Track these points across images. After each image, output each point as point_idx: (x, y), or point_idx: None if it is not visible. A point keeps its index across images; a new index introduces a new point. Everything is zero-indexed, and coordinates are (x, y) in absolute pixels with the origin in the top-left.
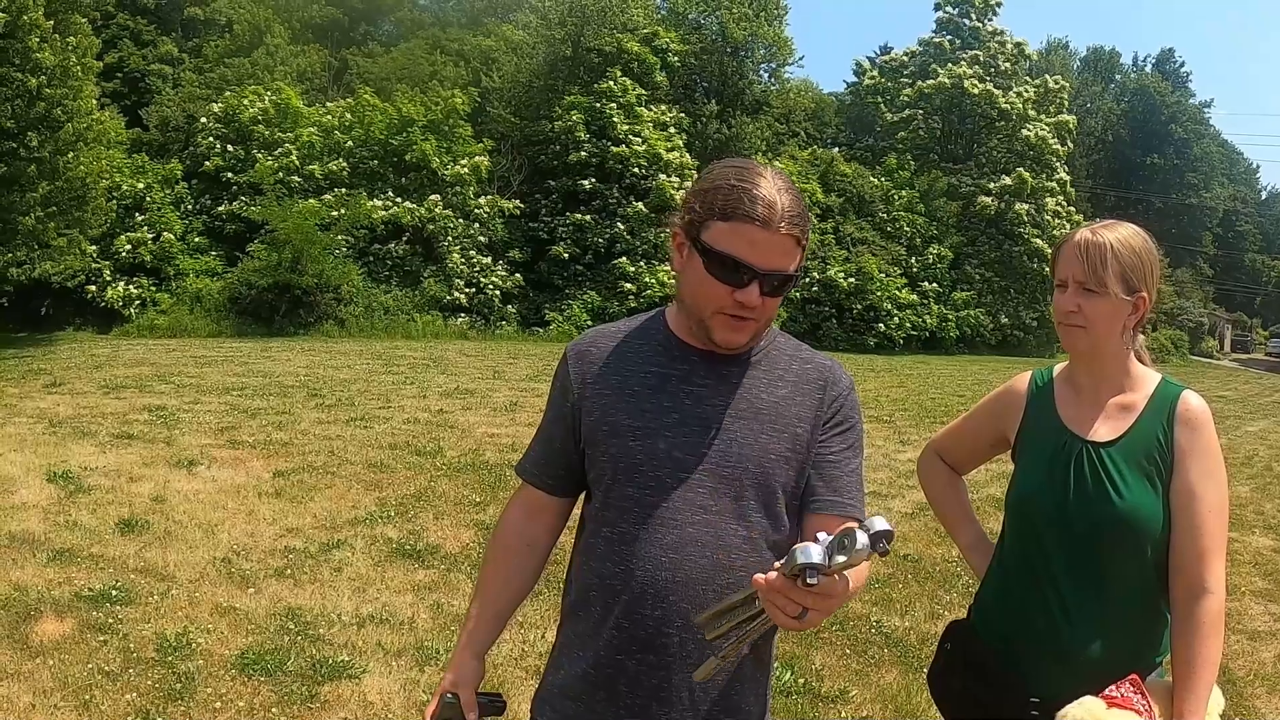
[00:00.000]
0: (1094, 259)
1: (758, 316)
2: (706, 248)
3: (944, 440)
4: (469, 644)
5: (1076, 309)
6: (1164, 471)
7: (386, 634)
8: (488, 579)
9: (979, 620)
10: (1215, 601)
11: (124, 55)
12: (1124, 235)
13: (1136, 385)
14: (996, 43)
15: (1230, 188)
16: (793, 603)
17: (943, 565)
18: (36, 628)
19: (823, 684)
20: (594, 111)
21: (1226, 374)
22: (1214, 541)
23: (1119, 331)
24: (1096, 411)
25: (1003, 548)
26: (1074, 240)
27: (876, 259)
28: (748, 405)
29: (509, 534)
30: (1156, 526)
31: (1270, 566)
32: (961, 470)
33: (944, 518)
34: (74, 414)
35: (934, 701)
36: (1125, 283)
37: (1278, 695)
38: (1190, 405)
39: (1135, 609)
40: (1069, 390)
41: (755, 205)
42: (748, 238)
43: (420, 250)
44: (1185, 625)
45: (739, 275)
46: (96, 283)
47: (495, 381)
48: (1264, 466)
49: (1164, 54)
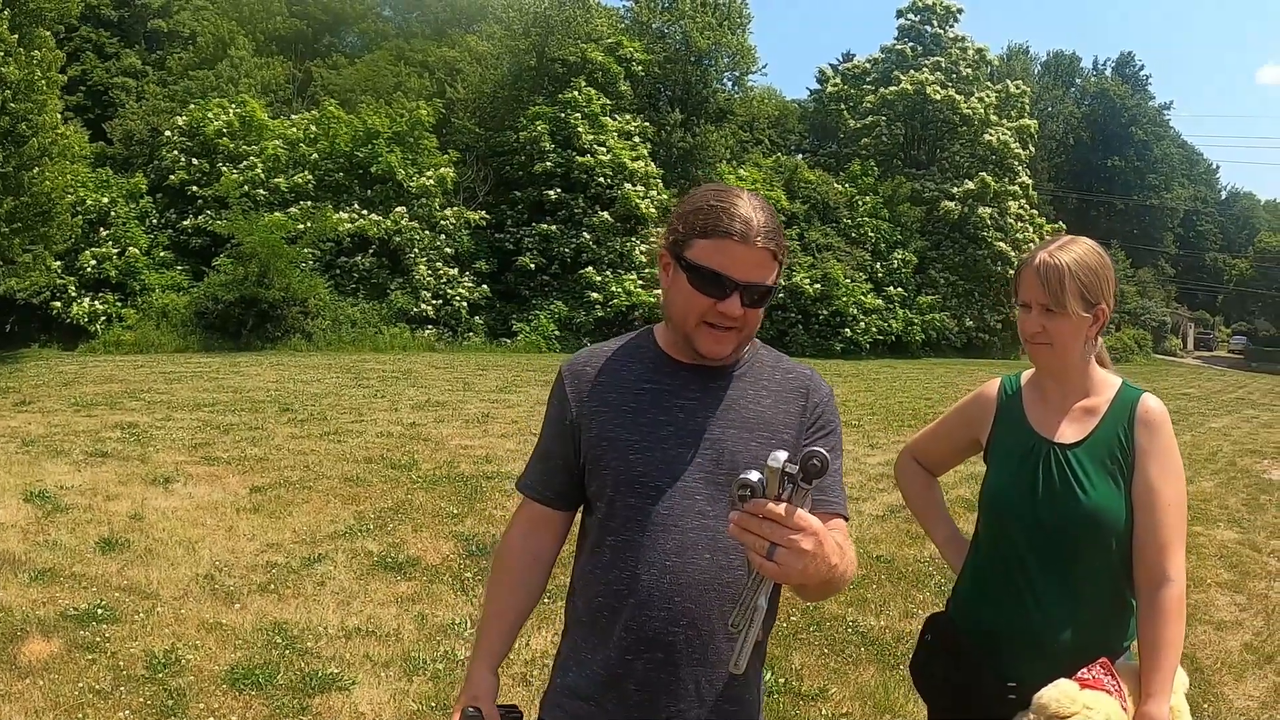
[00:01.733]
0: (1053, 282)
1: (740, 327)
2: (690, 264)
3: (919, 444)
4: (484, 658)
5: (1041, 329)
6: (1126, 470)
7: (374, 646)
8: (497, 593)
9: (956, 613)
10: (1176, 589)
11: (87, 68)
12: (1079, 254)
13: (1099, 389)
14: (958, 49)
15: (1191, 188)
16: (756, 536)
17: (915, 565)
18: (24, 648)
19: (802, 683)
20: (559, 121)
21: (1190, 372)
22: (1174, 534)
23: (1082, 343)
24: (1062, 416)
25: (977, 544)
26: (1033, 264)
27: (842, 265)
28: (736, 415)
29: (515, 549)
30: (1120, 522)
31: (1235, 559)
32: (936, 472)
33: (921, 517)
34: (46, 432)
35: (917, 691)
36: (1084, 299)
37: (1244, 682)
38: (1149, 408)
39: (1102, 598)
40: (1036, 396)
41: (733, 222)
42: (727, 252)
43: (387, 262)
44: (1150, 611)
45: (721, 287)
46: (61, 299)
47: (465, 393)
48: (1227, 462)
49: (1124, 57)
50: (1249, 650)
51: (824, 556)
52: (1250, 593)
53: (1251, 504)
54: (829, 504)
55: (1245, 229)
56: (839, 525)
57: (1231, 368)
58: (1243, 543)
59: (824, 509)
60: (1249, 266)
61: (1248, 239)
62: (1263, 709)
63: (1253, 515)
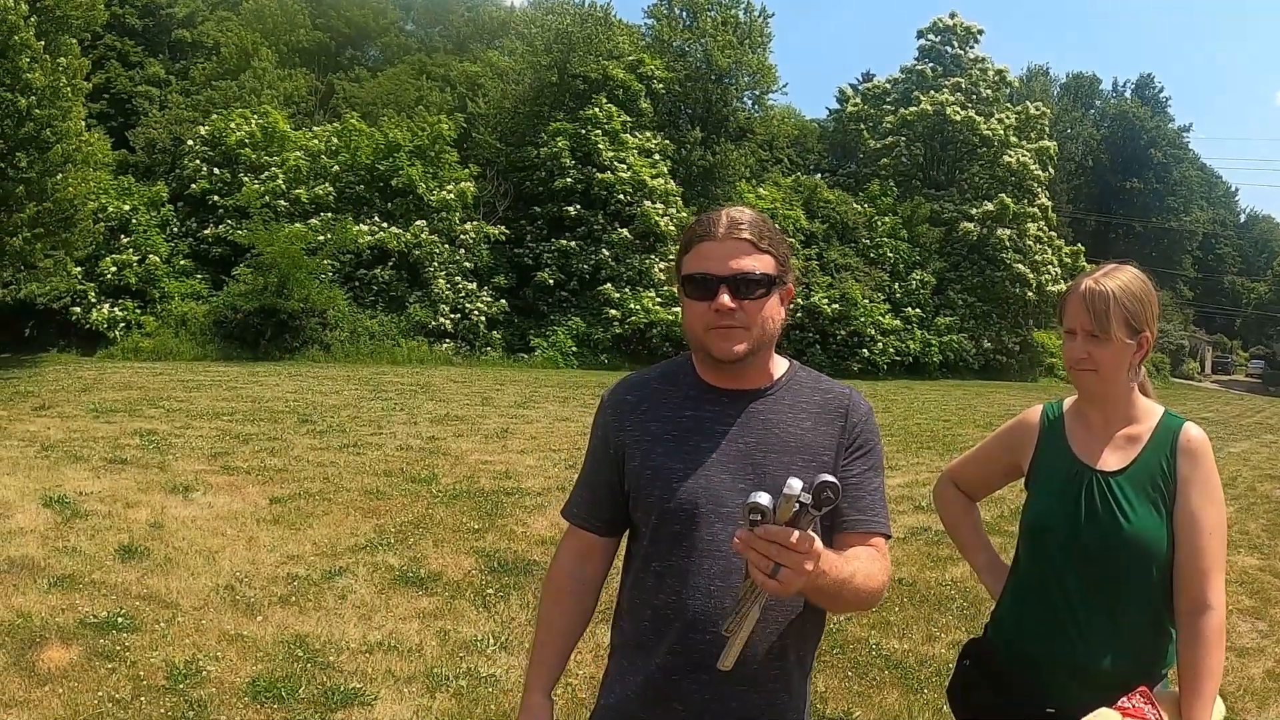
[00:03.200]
0: (1099, 309)
1: (743, 322)
2: (682, 279)
3: (959, 469)
4: (538, 685)
5: (1087, 355)
6: (1167, 498)
7: (396, 661)
8: (548, 620)
9: (996, 637)
10: (1217, 617)
11: (111, 76)
12: (1125, 281)
13: (1142, 418)
14: (978, 70)
15: (1210, 211)
16: (762, 556)
17: (937, 589)
18: (43, 655)
19: (827, 706)
20: (579, 138)
21: (1208, 395)
22: (1214, 561)
23: (1126, 371)
24: (1105, 443)
25: (1017, 569)
26: (1079, 290)
27: (860, 285)
28: (777, 439)
29: (564, 577)
30: (1162, 549)
31: (1256, 585)
32: (975, 497)
33: (960, 542)
34: (65, 438)
35: (953, 714)
36: (1129, 327)
37: (1267, 710)
38: (1191, 437)
39: (1143, 626)
40: (1079, 423)
41: (700, 226)
42: (702, 254)
43: (406, 276)
44: (1190, 639)
45: (707, 287)
46: (81, 305)
47: (484, 408)
48: (1247, 487)
49: (1143, 79)
50: (1271, 678)
51: (827, 573)
52: (1272, 620)
53: (1272, 529)
54: (869, 523)
55: (1264, 252)
56: (878, 543)
57: (1250, 391)
58: (1264, 569)
59: (864, 528)
60: (1268, 290)
61: (1266, 262)
62: None
63: (1273, 541)
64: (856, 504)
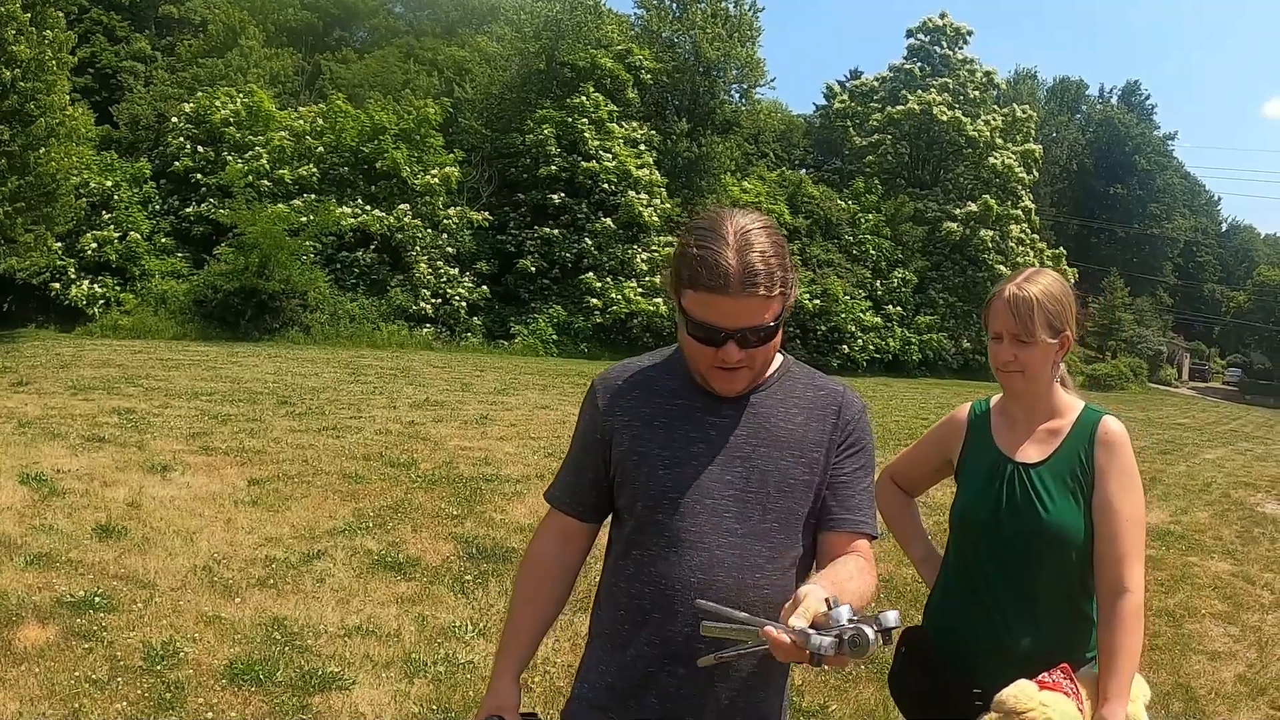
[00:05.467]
0: (1023, 313)
1: (748, 365)
2: (684, 313)
3: (897, 466)
4: (508, 668)
5: (1013, 358)
6: (1086, 488)
7: (374, 645)
8: (523, 604)
9: (928, 624)
10: (1134, 599)
11: (96, 51)
12: (1046, 284)
13: (1063, 412)
14: (966, 71)
15: (1192, 219)
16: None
17: (913, 585)
18: (19, 634)
19: (804, 699)
20: (565, 126)
21: (1184, 402)
22: (1132, 547)
23: (1050, 369)
24: (1027, 436)
25: (947, 559)
26: (1003, 296)
27: (842, 281)
28: (768, 433)
29: (542, 560)
30: (1079, 537)
31: (1229, 590)
32: (913, 493)
33: (899, 536)
34: (43, 414)
35: (893, 700)
36: (1051, 328)
37: (1237, 713)
38: (1109, 429)
39: (1061, 610)
40: (1003, 419)
41: (714, 276)
42: (712, 306)
43: (388, 259)
44: (1108, 620)
45: (714, 337)
46: (61, 280)
47: (464, 394)
48: (1221, 493)
49: (1130, 86)
50: (1242, 681)
51: None
52: (1244, 624)
53: (1245, 536)
54: (856, 523)
55: (1244, 262)
56: (864, 549)
57: (1226, 399)
58: (1236, 574)
59: (851, 528)
60: (1247, 299)
61: (1246, 272)
62: None
63: (1246, 547)
64: (845, 503)
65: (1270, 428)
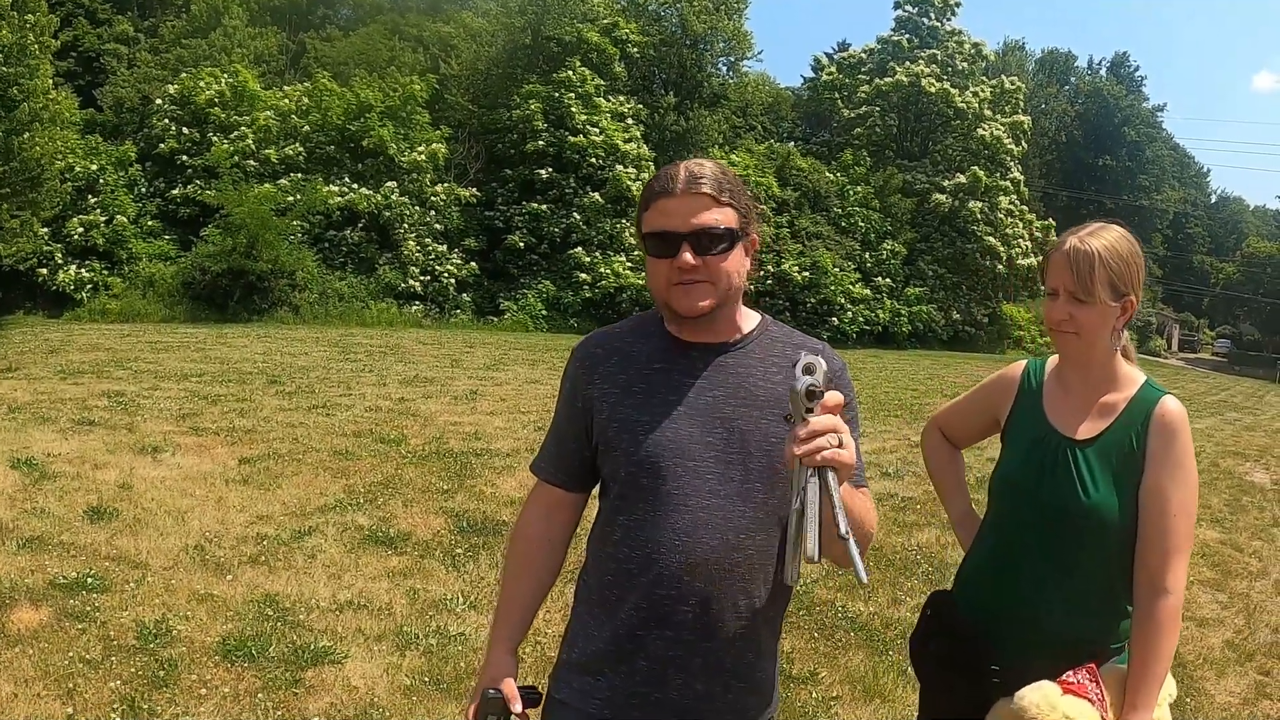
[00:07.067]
0: (1083, 269)
1: (706, 278)
2: (643, 235)
3: (944, 416)
4: (502, 640)
5: (1069, 317)
6: (1134, 473)
7: (365, 620)
8: (514, 575)
9: (958, 590)
10: (1174, 601)
11: (79, 34)
12: (1110, 241)
13: (1121, 385)
14: (954, 42)
15: (1181, 191)
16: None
17: (903, 553)
18: (13, 616)
19: (793, 666)
20: (552, 101)
21: (1173, 372)
22: (1179, 542)
23: (1109, 335)
24: (1079, 409)
25: (984, 525)
26: (1064, 249)
27: (831, 253)
28: (747, 393)
29: (531, 532)
30: (1119, 524)
31: (1217, 557)
32: (959, 445)
33: (940, 489)
34: (32, 399)
35: (911, 662)
36: (1113, 289)
37: (1226, 679)
38: (1168, 411)
39: (1096, 594)
40: (1057, 386)
41: (658, 182)
42: (661, 210)
43: (376, 237)
44: (1144, 620)
45: (668, 244)
46: (48, 266)
47: (454, 370)
48: (1210, 463)
49: (1119, 58)
50: (1230, 648)
51: None
52: (1232, 591)
53: (1234, 505)
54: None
55: (1233, 233)
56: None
57: (1215, 370)
58: (1225, 542)
59: None
60: (1235, 271)
61: (1235, 243)
62: (1244, 705)
63: (1234, 516)
64: None
65: (1259, 398)
